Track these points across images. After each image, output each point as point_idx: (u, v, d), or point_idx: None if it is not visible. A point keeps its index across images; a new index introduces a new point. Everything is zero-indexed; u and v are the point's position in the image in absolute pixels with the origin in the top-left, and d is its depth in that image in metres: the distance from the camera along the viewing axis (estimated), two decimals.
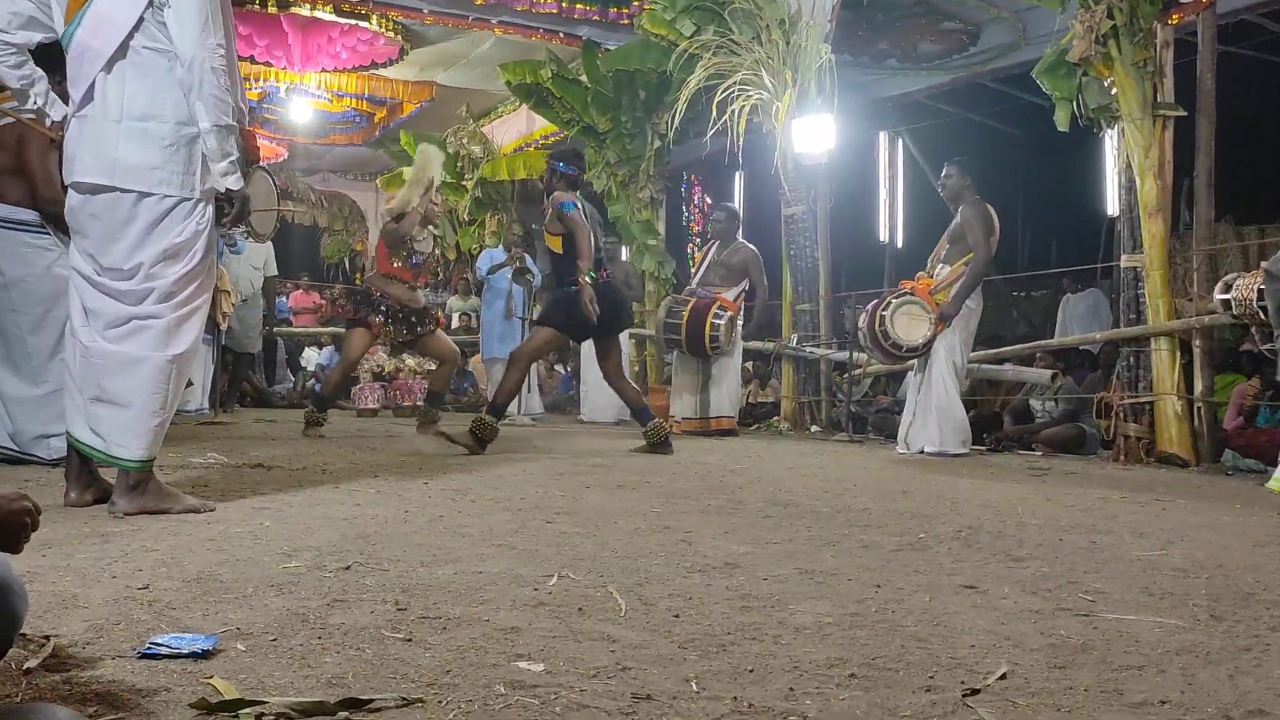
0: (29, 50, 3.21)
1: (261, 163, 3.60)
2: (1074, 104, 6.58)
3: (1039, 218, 13.71)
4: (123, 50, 3.05)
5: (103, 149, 3.05)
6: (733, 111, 8.46)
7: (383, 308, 6.79)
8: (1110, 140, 7.26)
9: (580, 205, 5.87)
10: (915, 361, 6.63)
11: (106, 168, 3.05)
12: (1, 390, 4.30)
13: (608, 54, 10.28)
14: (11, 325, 4.22)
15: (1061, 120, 6.68)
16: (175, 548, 2.51)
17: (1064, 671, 1.73)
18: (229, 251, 8.51)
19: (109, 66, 3.05)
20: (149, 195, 3.06)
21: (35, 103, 3.27)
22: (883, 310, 6.44)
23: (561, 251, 5.86)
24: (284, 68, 11.49)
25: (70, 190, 3.13)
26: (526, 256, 9.78)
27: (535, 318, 6.29)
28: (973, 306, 6.45)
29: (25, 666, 1.53)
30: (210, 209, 3.18)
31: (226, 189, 3.15)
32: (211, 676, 1.52)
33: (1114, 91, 6.33)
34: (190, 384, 7.31)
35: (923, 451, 6.33)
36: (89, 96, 3.08)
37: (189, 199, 3.11)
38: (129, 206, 3.06)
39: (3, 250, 4.21)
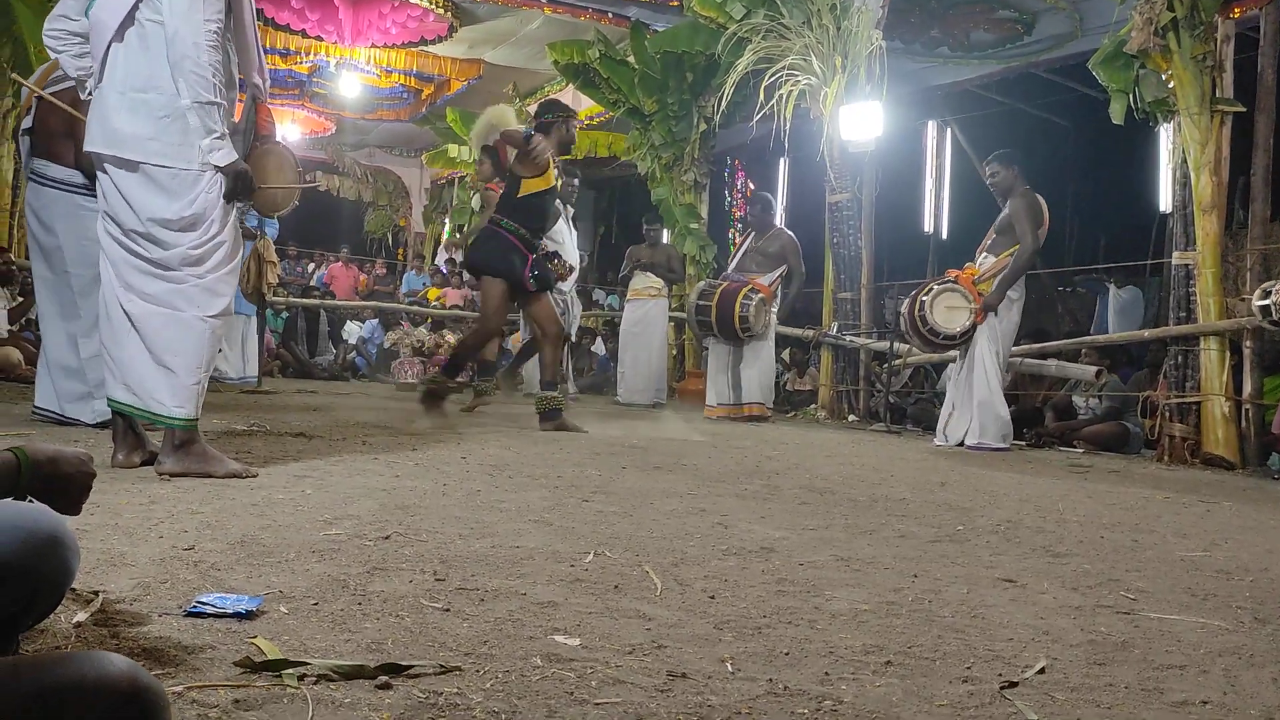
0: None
1: (276, 137, 3.63)
2: (1130, 96, 6.47)
3: (1088, 212, 13.51)
4: (130, 20, 3.11)
5: (105, 118, 3.13)
6: (780, 96, 8.41)
7: None
8: (1165, 135, 7.12)
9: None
10: (957, 352, 6.58)
11: (107, 137, 3.12)
12: (49, 351, 4.39)
13: (656, 35, 10.25)
14: (64, 286, 4.31)
15: (1117, 113, 6.57)
16: (220, 511, 2.55)
17: (1104, 668, 1.72)
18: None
19: (119, 36, 3.12)
20: (144, 164, 3.11)
21: (91, 94, 3.34)
22: (923, 296, 6.39)
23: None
24: (334, 42, 11.58)
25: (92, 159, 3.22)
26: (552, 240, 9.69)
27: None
28: (1014, 297, 6.38)
29: (75, 620, 1.56)
30: (220, 180, 3.19)
31: (216, 165, 3.16)
32: (255, 637, 1.55)
33: (1171, 85, 6.21)
34: (221, 349, 7.37)
35: (962, 444, 6.29)
36: (102, 69, 3.15)
37: (189, 169, 3.13)
38: (130, 174, 3.12)
39: (59, 212, 4.30)
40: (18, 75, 4.83)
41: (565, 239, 8.16)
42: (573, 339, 8.99)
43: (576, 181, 8.31)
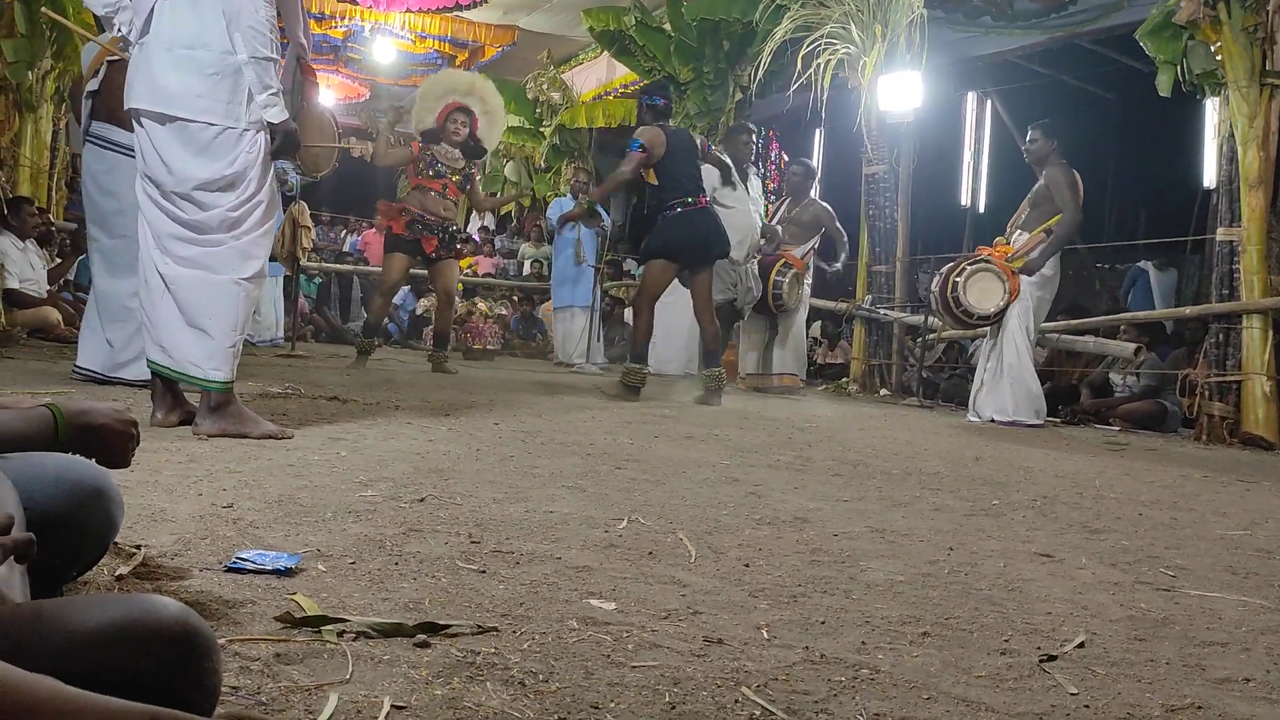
0: None
1: (318, 100, 3.63)
2: (1177, 68, 6.34)
3: (1129, 187, 13.26)
4: None
5: (152, 76, 3.13)
6: (818, 65, 8.29)
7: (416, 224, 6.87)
8: (1211, 108, 6.97)
9: (656, 136, 6.03)
10: (988, 328, 6.52)
11: (154, 94, 3.13)
12: (102, 314, 4.42)
13: (693, 2, 10.13)
14: (123, 250, 4.33)
15: (1164, 85, 6.44)
16: (257, 471, 2.58)
17: (1144, 644, 1.70)
18: None
19: None
20: (193, 122, 3.11)
21: (119, 30, 3.33)
22: (956, 276, 6.32)
23: (656, 183, 6.04)
24: (369, 6, 11.55)
25: (131, 117, 3.22)
26: (598, 206, 9.56)
27: (642, 251, 6.33)
28: (1049, 274, 6.29)
29: (117, 573, 1.58)
30: (263, 139, 3.21)
31: (268, 122, 3.18)
32: (294, 593, 1.56)
33: (1220, 57, 6.07)
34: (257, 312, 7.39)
35: (993, 420, 6.23)
36: (148, 25, 3.15)
37: (234, 128, 3.15)
38: (176, 132, 3.12)
39: (121, 176, 4.31)
40: (86, 33, 4.78)
41: (733, 201, 7.26)
42: (744, 316, 7.90)
43: (755, 138, 8.10)
